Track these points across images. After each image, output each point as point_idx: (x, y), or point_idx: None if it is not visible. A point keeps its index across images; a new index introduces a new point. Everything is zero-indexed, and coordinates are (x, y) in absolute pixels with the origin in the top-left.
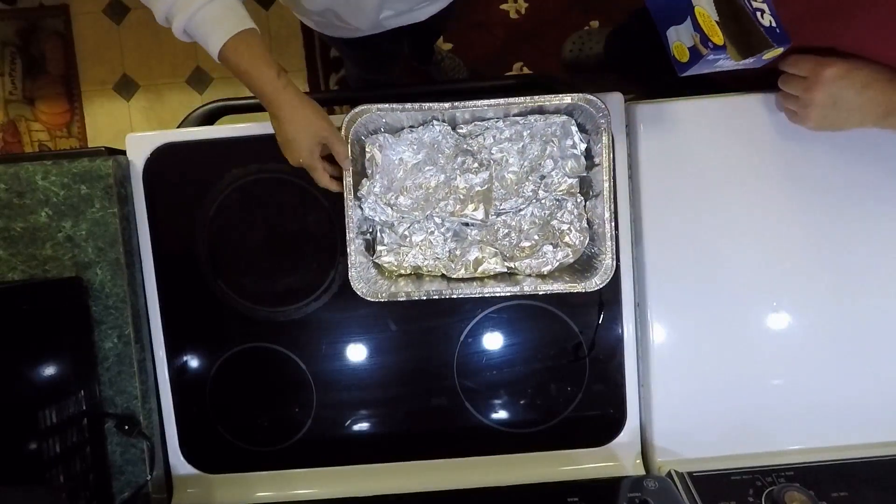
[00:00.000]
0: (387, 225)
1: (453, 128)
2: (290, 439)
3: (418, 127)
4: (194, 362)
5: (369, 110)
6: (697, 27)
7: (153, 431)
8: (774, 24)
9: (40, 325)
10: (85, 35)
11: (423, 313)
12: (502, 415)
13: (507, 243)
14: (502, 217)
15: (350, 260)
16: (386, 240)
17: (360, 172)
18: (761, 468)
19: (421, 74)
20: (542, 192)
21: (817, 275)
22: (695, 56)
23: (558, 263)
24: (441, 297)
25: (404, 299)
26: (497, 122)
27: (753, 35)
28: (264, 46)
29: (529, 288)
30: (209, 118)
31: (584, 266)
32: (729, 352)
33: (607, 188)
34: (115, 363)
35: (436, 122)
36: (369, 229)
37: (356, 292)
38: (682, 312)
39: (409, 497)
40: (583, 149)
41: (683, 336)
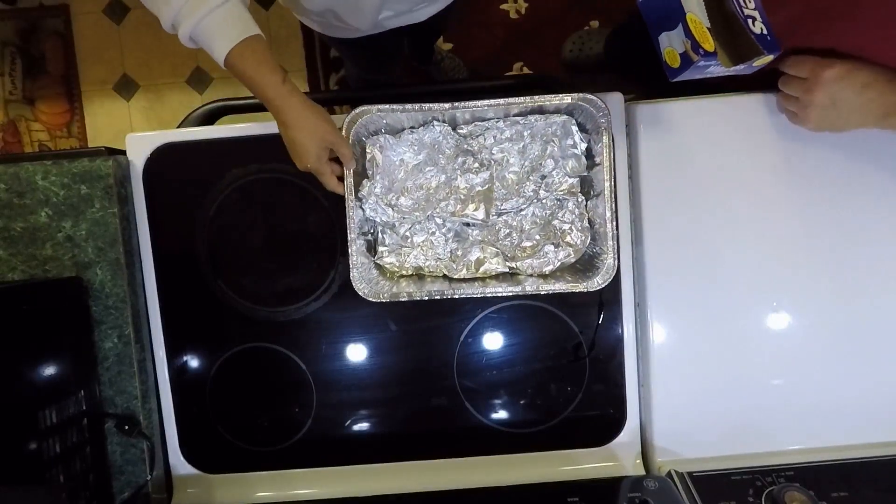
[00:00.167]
0: (388, 226)
1: (454, 128)
2: (290, 439)
3: (419, 127)
4: (194, 362)
5: (370, 111)
6: (689, 33)
7: (153, 431)
8: (765, 32)
9: (40, 325)
10: (85, 35)
11: (423, 313)
12: (502, 415)
13: (509, 243)
14: (503, 217)
15: (352, 261)
16: (387, 240)
17: (361, 173)
18: (761, 468)
19: (421, 74)
20: (542, 192)
21: (817, 275)
22: (685, 62)
23: (560, 263)
24: (443, 297)
25: (406, 300)
26: (497, 122)
27: (744, 42)
28: (269, 52)
29: (531, 288)
30: (209, 118)
31: (585, 266)
32: (729, 352)
33: (608, 187)
34: (115, 363)
35: (436, 122)
36: (370, 230)
37: (358, 293)
38: (682, 312)
39: (409, 497)
40: (583, 148)
41: (683, 336)
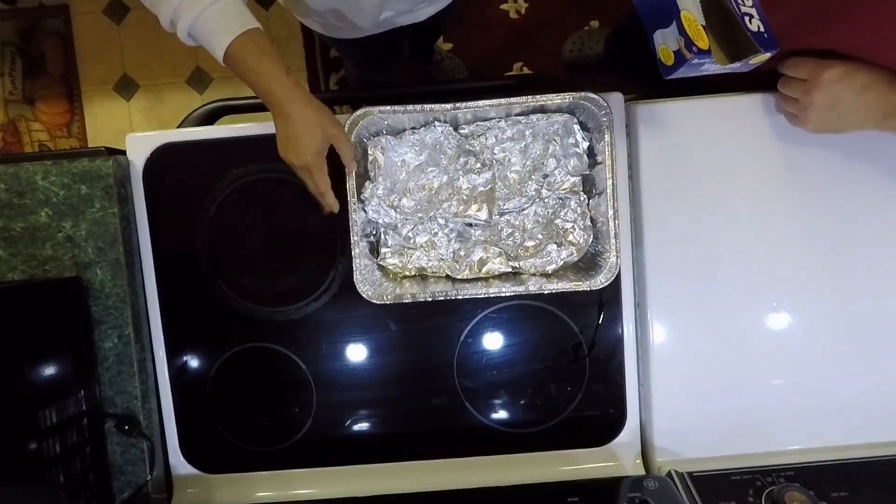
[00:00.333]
0: (390, 227)
1: (455, 128)
2: (290, 439)
3: (420, 128)
4: (194, 362)
5: (371, 113)
6: (682, 31)
7: (153, 431)
8: (763, 30)
9: (40, 325)
10: (85, 35)
11: (423, 313)
12: (502, 415)
13: (511, 243)
14: (506, 217)
15: (354, 262)
16: (390, 242)
17: (363, 175)
18: (761, 468)
19: (421, 74)
20: (545, 191)
21: (817, 275)
22: (679, 60)
23: (563, 262)
24: (446, 297)
25: (409, 301)
26: (499, 121)
27: (741, 39)
28: (271, 45)
29: (535, 287)
30: (209, 118)
31: (588, 264)
32: (729, 352)
33: (610, 186)
34: (115, 363)
35: (437, 122)
36: (373, 232)
37: (362, 295)
38: (682, 312)
39: (409, 497)
40: (585, 147)
41: (683, 336)
